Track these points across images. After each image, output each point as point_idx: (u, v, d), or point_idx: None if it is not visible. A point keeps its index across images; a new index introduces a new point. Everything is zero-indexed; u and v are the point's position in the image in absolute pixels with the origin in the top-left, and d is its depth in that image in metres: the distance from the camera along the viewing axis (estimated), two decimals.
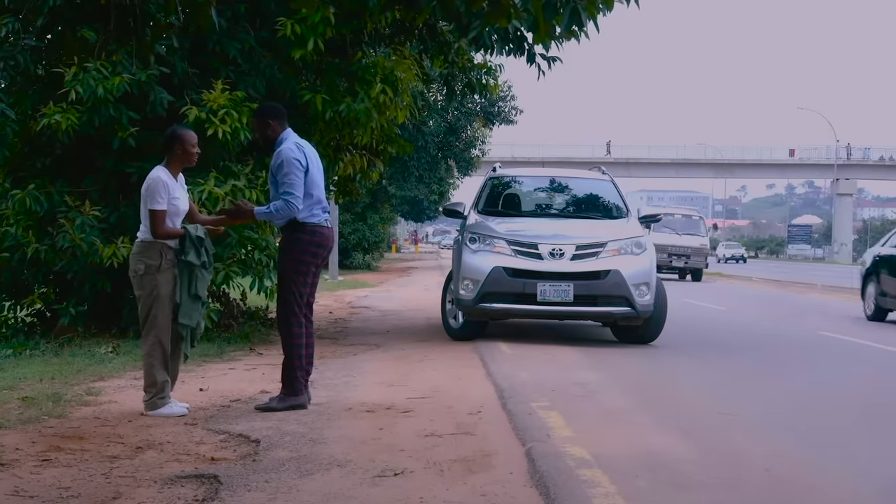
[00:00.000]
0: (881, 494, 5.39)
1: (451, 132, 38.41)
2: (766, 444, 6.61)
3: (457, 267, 12.43)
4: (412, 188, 42.32)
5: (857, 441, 6.88)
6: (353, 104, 11.40)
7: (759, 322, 17.29)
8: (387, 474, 5.42)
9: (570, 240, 12.04)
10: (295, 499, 4.95)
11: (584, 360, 10.64)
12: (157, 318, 7.21)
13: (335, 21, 10.48)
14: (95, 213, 10.67)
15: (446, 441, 6.35)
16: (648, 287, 11.91)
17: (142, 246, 7.26)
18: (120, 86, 10.29)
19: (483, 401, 7.85)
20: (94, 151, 11.15)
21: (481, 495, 5.03)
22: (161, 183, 7.18)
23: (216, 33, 10.81)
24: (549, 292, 11.71)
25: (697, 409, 7.96)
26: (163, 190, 7.16)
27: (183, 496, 5.00)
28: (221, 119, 10.47)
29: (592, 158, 79.64)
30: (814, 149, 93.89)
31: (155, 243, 7.19)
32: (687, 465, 5.81)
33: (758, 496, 5.23)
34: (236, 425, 6.79)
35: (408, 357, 10.76)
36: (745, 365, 11.07)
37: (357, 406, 7.59)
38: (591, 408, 7.72)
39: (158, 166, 7.34)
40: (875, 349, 13.06)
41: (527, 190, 14.75)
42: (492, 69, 14.61)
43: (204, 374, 9.19)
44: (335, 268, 28.07)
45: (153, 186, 7.18)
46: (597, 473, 5.44)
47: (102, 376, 8.84)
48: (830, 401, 8.74)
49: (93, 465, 5.58)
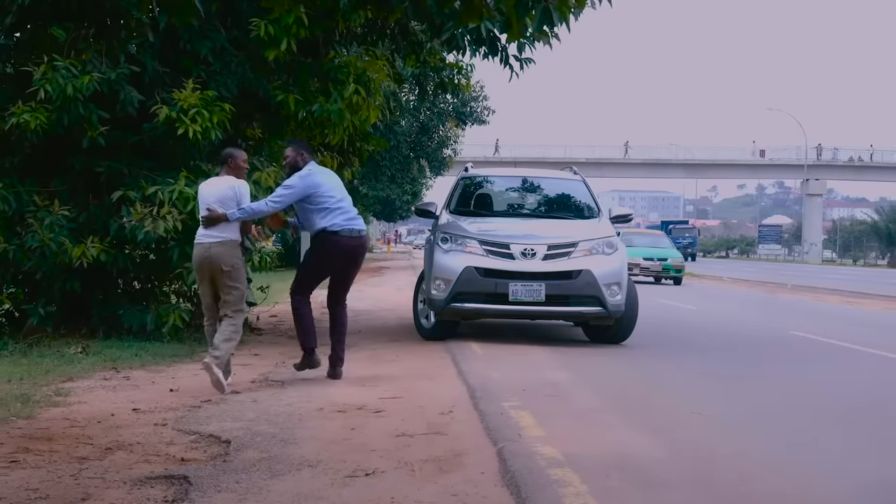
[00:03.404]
0: (851, 495, 5.41)
1: (424, 132, 38.43)
2: (736, 444, 6.64)
3: (429, 267, 12.43)
4: (384, 188, 42.30)
5: (828, 441, 6.92)
6: (327, 104, 11.37)
7: (730, 321, 17.37)
8: (358, 474, 5.41)
9: (541, 240, 12.06)
10: (265, 499, 4.93)
11: (556, 360, 10.66)
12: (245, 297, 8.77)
13: (308, 21, 10.46)
14: (65, 213, 10.61)
15: (418, 441, 6.35)
16: (620, 287, 11.94)
17: (231, 244, 8.47)
18: (89, 84, 10.23)
19: (455, 401, 7.86)
20: (64, 151, 11.07)
21: (452, 495, 5.03)
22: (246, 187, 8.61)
23: (187, 32, 10.77)
24: (521, 292, 11.72)
25: (668, 408, 7.99)
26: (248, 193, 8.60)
27: (153, 497, 4.97)
28: (192, 118, 10.42)
29: (564, 158, 79.80)
30: (784, 149, 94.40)
31: (238, 241, 8.55)
32: (657, 464, 5.83)
33: (728, 495, 5.25)
34: (207, 426, 6.76)
35: (379, 357, 10.74)
36: (716, 364, 11.11)
37: (328, 406, 7.58)
38: (563, 407, 7.73)
39: (228, 176, 8.56)
40: (846, 348, 13.13)
41: (499, 190, 14.74)
42: (463, 68, 14.61)
43: (175, 375, 9.15)
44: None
45: (244, 191, 8.54)
46: (568, 473, 5.45)
47: (71, 377, 8.78)
48: (801, 400, 8.78)
49: (61, 467, 5.54)
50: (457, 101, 36.19)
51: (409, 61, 13.73)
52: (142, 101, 10.76)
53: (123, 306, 11.41)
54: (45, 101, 10.26)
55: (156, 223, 10.27)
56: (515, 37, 5.12)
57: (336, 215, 8.87)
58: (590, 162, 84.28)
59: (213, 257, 8.40)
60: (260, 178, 11.13)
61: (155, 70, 11.02)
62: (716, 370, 10.67)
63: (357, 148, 13.75)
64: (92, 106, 10.44)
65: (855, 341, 13.86)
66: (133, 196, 10.58)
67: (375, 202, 48.77)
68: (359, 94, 11.59)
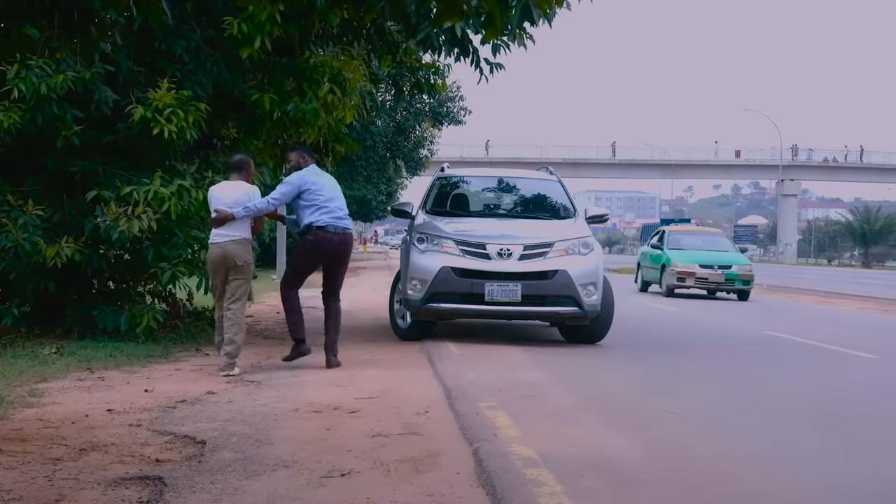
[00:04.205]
0: (825, 494, 5.43)
1: (400, 132, 38.40)
2: (711, 444, 6.67)
3: (405, 267, 12.42)
4: (360, 188, 42.23)
5: (803, 440, 6.94)
6: (302, 104, 11.35)
7: (705, 321, 17.44)
8: (333, 475, 5.40)
9: (517, 240, 12.07)
10: (240, 500, 4.91)
11: (532, 360, 10.67)
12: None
13: (282, 20, 10.44)
14: (38, 213, 10.54)
15: (393, 441, 6.34)
16: (595, 287, 11.97)
17: (244, 242, 9.49)
18: (63, 84, 10.16)
19: (430, 401, 7.85)
20: (38, 150, 10.99)
21: (428, 495, 5.03)
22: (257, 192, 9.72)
23: (162, 32, 10.73)
24: (497, 292, 11.73)
25: (643, 408, 8.01)
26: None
27: (127, 498, 4.95)
28: (167, 118, 10.37)
29: (541, 159, 79.91)
30: (759, 150, 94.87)
31: (249, 240, 9.59)
32: (633, 464, 5.84)
33: (703, 495, 5.26)
34: (182, 426, 6.74)
35: (355, 357, 10.72)
36: (692, 364, 11.15)
37: (304, 406, 7.56)
38: (538, 407, 7.74)
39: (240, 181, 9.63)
40: (820, 348, 13.20)
41: (475, 190, 14.73)
42: (439, 69, 14.61)
43: (149, 375, 9.11)
44: (282, 267, 27.95)
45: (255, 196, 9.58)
46: (543, 473, 5.45)
47: (46, 377, 8.73)
48: (776, 400, 8.81)
49: (35, 468, 5.50)
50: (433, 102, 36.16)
51: (384, 61, 13.71)
52: (116, 100, 10.71)
53: (98, 307, 11.36)
54: (19, 100, 10.17)
55: (130, 223, 10.22)
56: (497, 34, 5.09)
57: (323, 212, 9.76)
58: (566, 162, 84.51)
59: (229, 254, 9.41)
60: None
61: (129, 69, 10.96)
62: (690, 369, 10.71)
63: (330, 148, 13.73)
64: (66, 105, 10.37)
65: (830, 341, 13.93)
66: (108, 196, 10.53)
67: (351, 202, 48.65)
68: (334, 94, 11.58)
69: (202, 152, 11.70)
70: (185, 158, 11.40)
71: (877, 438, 7.19)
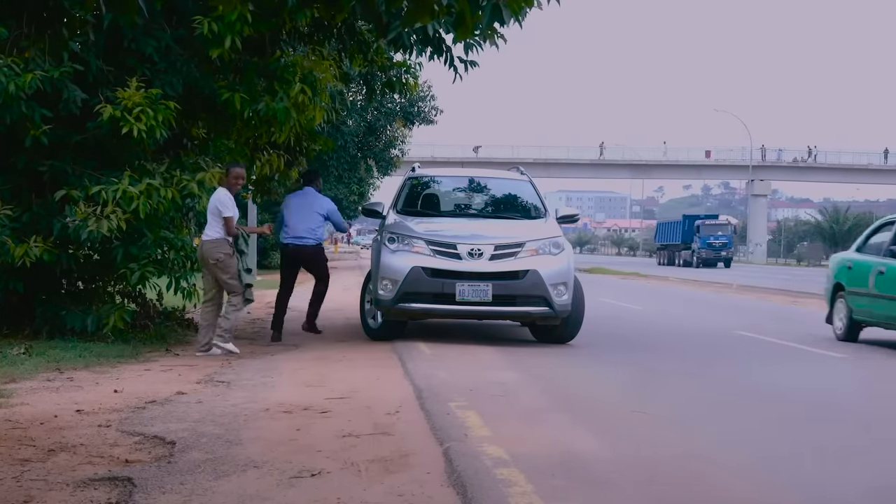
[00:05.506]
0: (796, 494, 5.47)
1: (371, 132, 38.29)
2: (681, 443, 6.70)
3: (376, 267, 12.41)
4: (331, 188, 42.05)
5: (773, 440, 6.98)
6: (272, 103, 11.31)
7: (675, 321, 17.51)
8: (304, 475, 5.40)
9: (488, 240, 12.08)
10: (210, 500, 4.90)
11: (503, 360, 10.69)
12: (238, 285, 10.71)
13: (252, 19, 10.42)
14: (7, 213, 10.45)
15: (364, 441, 6.34)
16: (566, 287, 11.99)
17: (216, 242, 10.61)
18: (32, 83, 10.08)
19: (401, 401, 7.86)
20: (6, 149, 10.91)
21: (398, 495, 5.03)
22: (228, 197, 10.68)
23: (131, 31, 10.67)
24: (468, 292, 11.74)
25: (614, 408, 8.04)
26: (229, 202, 10.63)
27: (96, 499, 4.93)
28: (136, 117, 10.31)
29: (512, 159, 79.99)
30: (729, 150, 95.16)
31: (224, 239, 10.61)
32: (603, 463, 5.87)
33: (672, 494, 5.29)
34: (151, 427, 6.71)
35: (326, 357, 10.72)
36: (662, 364, 11.19)
37: (274, 407, 7.55)
38: (509, 407, 7.76)
39: (221, 187, 10.79)
40: (789, 348, 13.27)
41: (446, 190, 14.75)
42: (411, 67, 14.59)
43: (119, 376, 9.07)
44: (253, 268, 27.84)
45: (224, 200, 10.63)
46: (514, 472, 5.47)
47: (14, 378, 8.67)
48: (746, 400, 8.87)
49: (3, 469, 5.47)
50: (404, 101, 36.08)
51: (356, 61, 13.69)
52: (85, 99, 10.64)
53: (66, 307, 11.29)
54: None
55: (99, 223, 10.16)
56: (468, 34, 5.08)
57: (285, 232, 12.61)
58: (537, 162, 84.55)
59: (204, 253, 10.72)
60: (204, 178, 10.99)
61: (99, 68, 10.90)
62: (660, 369, 10.75)
63: (304, 147, 13.70)
64: (34, 104, 10.29)
65: (800, 341, 14.01)
66: (77, 195, 10.47)
67: None
68: (305, 94, 11.55)
69: (172, 152, 11.64)
70: (155, 158, 11.33)
71: (847, 439, 7.23)
